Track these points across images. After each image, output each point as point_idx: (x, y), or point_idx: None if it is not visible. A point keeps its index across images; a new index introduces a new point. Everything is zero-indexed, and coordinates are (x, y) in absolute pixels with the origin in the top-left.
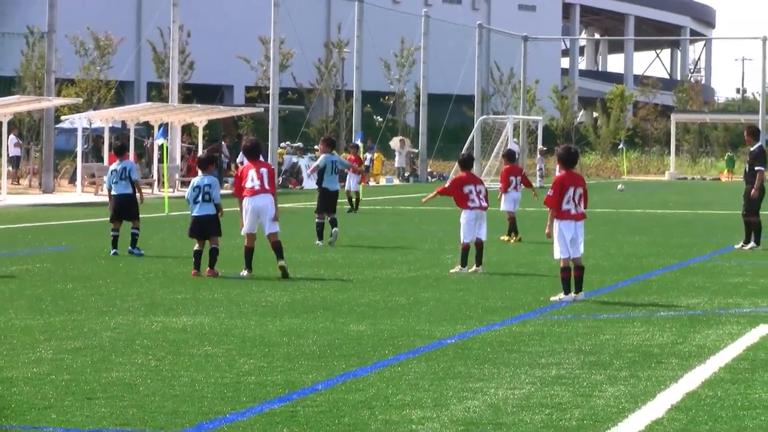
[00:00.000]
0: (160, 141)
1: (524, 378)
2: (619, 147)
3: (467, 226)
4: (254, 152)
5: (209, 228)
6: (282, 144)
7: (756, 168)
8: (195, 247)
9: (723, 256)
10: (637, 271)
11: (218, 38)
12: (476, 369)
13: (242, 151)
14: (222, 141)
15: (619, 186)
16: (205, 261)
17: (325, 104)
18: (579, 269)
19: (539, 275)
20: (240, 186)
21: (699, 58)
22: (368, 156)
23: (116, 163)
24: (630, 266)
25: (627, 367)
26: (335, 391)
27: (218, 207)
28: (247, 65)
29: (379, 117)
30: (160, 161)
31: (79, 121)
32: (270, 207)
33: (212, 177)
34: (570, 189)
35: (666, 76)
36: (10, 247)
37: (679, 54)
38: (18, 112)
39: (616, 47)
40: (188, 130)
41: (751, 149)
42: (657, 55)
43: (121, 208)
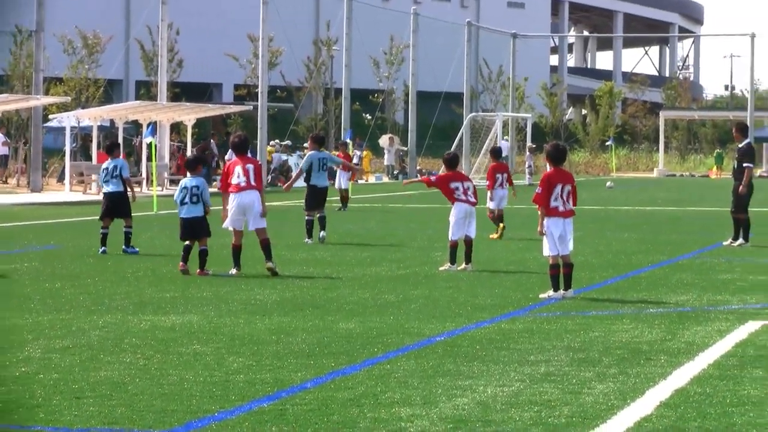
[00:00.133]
0: (149, 139)
1: (513, 375)
2: (608, 144)
3: (456, 224)
4: (242, 148)
5: (198, 229)
6: (271, 142)
7: (744, 164)
8: (185, 243)
9: (712, 253)
10: (626, 268)
11: (207, 36)
12: (465, 366)
13: (230, 147)
14: (211, 139)
15: (608, 183)
16: (195, 261)
17: (314, 102)
18: (568, 266)
19: (528, 272)
20: (226, 182)
21: (687, 55)
22: (357, 154)
23: (108, 161)
24: (619, 263)
25: (616, 364)
26: (324, 389)
27: (206, 207)
28: (236, 63)
29: (368, 115)
30: (149, 160)
31: (68, 120)
32: (256, 203)
33: (200, 178)
34: (558, 186)
35: (655, 73)
36: None
37: (668, 51)
38: (6, 111)
39: (605, 44)
40: (177, 129)
41: (740, 146)
42: (646, 52)
43: (113, 206)
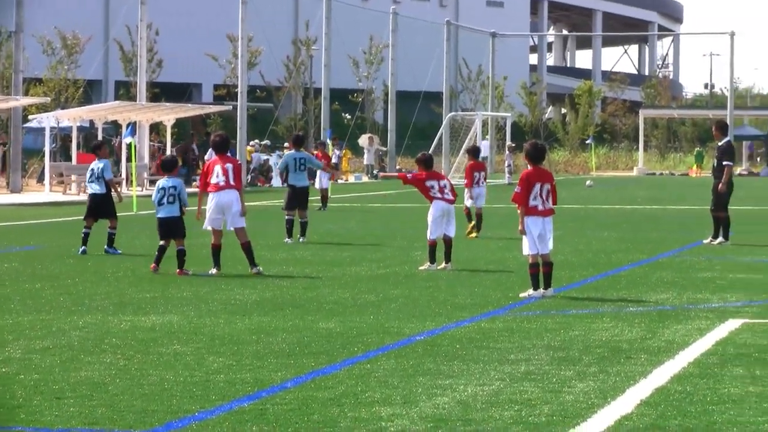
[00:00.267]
0: (129, 140)
1: (493, 374)
2: (588, 143)
3: (434, 223)
4: (223, 147)
5: (175, 229)
6: (251, 142)
7: (724, 163)
8: (161, 243)
9: (692, 251)
10: (606, 267)
11: (186, 36)
12: (445, 366)
13: (211, 146)
14: (192, 139)
15: (588, 182)
16: (172, 261)
17: (294, 102)
18: (548, 265)
19: (508, 271)
20: (205, 181)
21: (667, 54)
22: (336, 153)
23: (94, 162)
24: (599, 262)
25: (596, 363)
26: (304, 389)
27: (182, 208)
28: (216, 63)
29: (348, 114)
30: (129, 160)
31: (47, 121)
32: (235, 203)
33: (177, 179)
34: (537, 185)
35: (634, 72)
36: None
37: (647, 50)
38: None
39: (584, 43)
40: (156, 129)
41: (720, 144)
42: (625, 51)
43: (96, 207)
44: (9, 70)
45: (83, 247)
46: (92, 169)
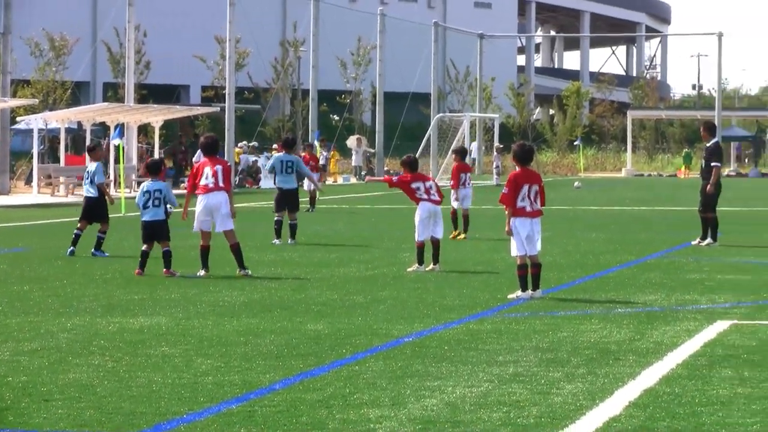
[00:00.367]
0: (117, 141)
1: (482, 376)
2: (576, 144)
3: (421, 225)
4: (212, 149)
5: (159, 232)
6: (239, 144)
7: (712, 164)
8: (143, 248)
9: (680, 253)
10: (594, 268)
11: (174, 38)
12: (434, 367)
13: (200, 147)
14: (180, 141)
15: (576, 183)
16: (160, 263)
17: (282, 103)
18: (536, 266)
19: (496, 273)
20: (194, 182)
21: (655, 55)
22: (324, 155)
23: (89, 163)
24: (587, 263)
25: (584, 365)
26: (293, 391)
27: (167, 211)
28: (203, 65)
29: (336, 116)
30: (117, 162)
31: (35, 122)
32: (224, 205)
33: (162, 182)
34: (525, 186)
35: (622, 73)
36: None
37: (635, 51)
38: None
39: (572, 44)
40: (145, 131)
41: (708, 145)
42: (613, 52)
43: (89, 210)
44: None
45: (72, 248)
46: (87, 171)
